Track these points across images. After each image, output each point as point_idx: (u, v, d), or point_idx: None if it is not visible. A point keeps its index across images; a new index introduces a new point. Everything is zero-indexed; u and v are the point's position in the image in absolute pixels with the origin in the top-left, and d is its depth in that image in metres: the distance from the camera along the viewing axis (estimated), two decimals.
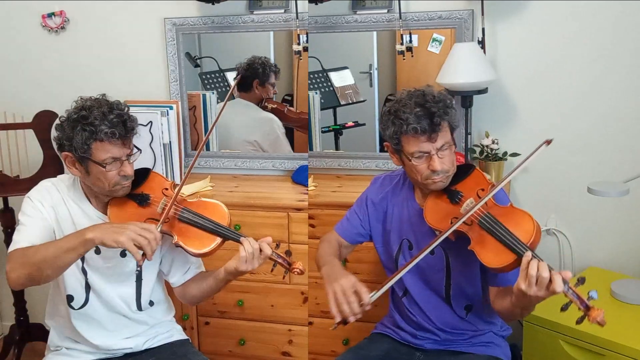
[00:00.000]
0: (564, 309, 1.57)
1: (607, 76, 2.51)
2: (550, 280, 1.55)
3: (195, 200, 2.00)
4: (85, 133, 1.79)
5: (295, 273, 1.90)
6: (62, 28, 3.06)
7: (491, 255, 1.70)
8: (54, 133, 1.88)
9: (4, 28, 3.12)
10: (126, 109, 1.88)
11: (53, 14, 3.04)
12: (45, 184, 1.98)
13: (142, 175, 1.98)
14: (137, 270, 1.88)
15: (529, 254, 1.61)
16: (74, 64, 3.08)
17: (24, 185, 2.68)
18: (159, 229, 1.79)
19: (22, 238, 1.84)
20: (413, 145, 1.80)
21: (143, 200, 1.95)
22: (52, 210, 1.93)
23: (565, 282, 1.56)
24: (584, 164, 2.59)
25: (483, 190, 1.84)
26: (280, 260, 1.90)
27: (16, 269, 1.76)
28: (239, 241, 1.87)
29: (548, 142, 1.72)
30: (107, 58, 3.04)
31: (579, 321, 1.56)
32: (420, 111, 1.77)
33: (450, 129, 1.84)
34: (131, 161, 1.88)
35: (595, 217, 2.63)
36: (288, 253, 1.92)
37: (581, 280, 1.56)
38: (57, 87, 3.07)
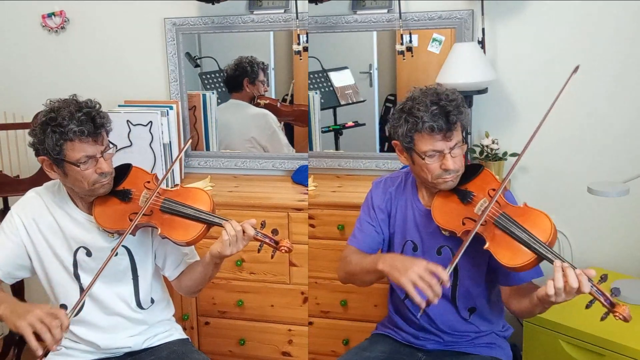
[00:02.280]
0: (588, 306, 1.58)
1: (607, 76, 2.51)
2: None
3: (177, 189, 1.99)
4: (55, 135, 1.78)
5: (283, 251, 1.87)
6: (62, 28, 3.06)
7: (509, 254, 1.69)
8: (28, 139, 1.87)
9: (4, 28, 3.13)
10: (96, 106, 1.86)
11: (53, 14, 3.04)
12: (29, 194, 2.00)
13: (123, 171, 1.98)
14: None
15: (558, 262, 1.60)
16: (74, 64, 3.08)
17: (24, 185, 2.67)
18: (70, 316, 1.73)
19: None
20: (427, 144, 1.78)
21: (125, 196, 1.94)
22: (34, 222, 1.94)
23: (590, 280, 1.57)
24: (584, 164, 2.59)
25: (494, 190, 1.81)
26: (266, 240, 1.87)
27: None
28: (222, 225, 1.86)
29: (576, 69, 1.76)
30: (107, 58, 3.04)
31: (604, 317, 1.57)
32: (437, 109, 1.76)
33: (462, 128, 1.83)
34: (106, 157, 1.86)
35: (595, 217, 2.63)
36: (274, 232, 1.89)
37: (604, 278, 1.57)
38: (57, 87, 3.06)
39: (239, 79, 2.93)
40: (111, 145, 1.89)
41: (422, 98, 1.79)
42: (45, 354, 1.68)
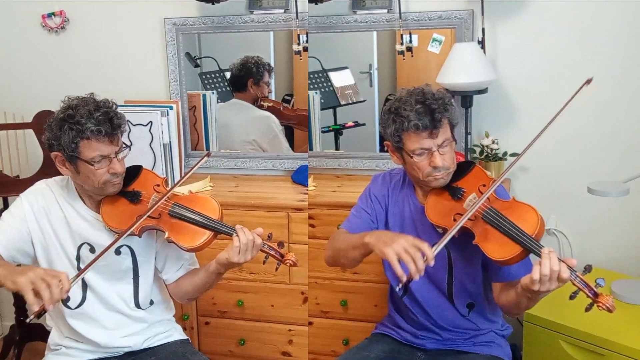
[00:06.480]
0: (572, 297, 1.58)
1: (607, 76, 2.51)
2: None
3: (186, 195, 2.00)
4: (72, 132, 1.79)
5: (288, 264, 1.89)
6: (62, 28, 3.06)
7: (497, 248, 1.71)
8: (44, 134, 1.88)
9: (4, 28, 3.13)
10: (114, 106, 1.87)
11: (53, 14, 3.04)
12: (39, 185, 2.00)
13: (134, 172, 1.99)
14: (29, 319, 1.68)
15: (546, 250, 1.61)
16: (73, 64, 3.08)
17: (24, 185, 2.65)
18: (72, 282, 1.70)
19: None
20: (414, 142, 1.81)
21: (134, 198, 1.95)
22: (44, 212, 1.94)
23: (572, 270, 1.58)
24: (584, 164, 2.59)
25: (484, 185, 1.84)
26: (272, 252, 1.89)
27: None
28: (230, 234, 1.87)
29: (588, 81, 1.76)
30: (107, 58, 3.04)
31: (588, 308, 1.57)
32: (421, 108, 1.79)
33: (450, 125, 1.85)
34: (120, 158, 1.87)
35: (595, 217, 2.63)
36: (280, 245, 1.91)
37: (588, 268, 1.58)
38: (57, 87, 3.07)
39: (243, 79, 2.93)
40: (124, 147, 1.89)
41: (407, 98, 1.83)
42: (40, 313, 1.64)
